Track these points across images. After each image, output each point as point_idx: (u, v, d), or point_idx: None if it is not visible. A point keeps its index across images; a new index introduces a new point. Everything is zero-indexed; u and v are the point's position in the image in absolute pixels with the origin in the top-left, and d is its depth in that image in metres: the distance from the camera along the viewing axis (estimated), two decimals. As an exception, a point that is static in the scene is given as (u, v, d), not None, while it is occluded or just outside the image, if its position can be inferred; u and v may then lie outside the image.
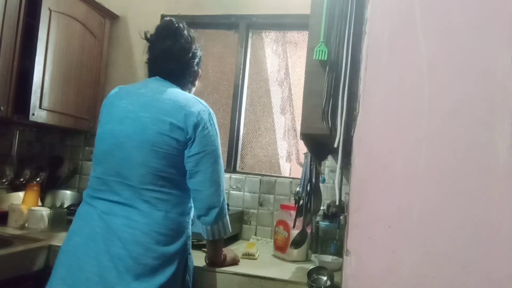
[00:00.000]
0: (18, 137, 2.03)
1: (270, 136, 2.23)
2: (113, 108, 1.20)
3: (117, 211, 1.11)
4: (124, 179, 1.13)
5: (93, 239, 1.09)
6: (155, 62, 1.27)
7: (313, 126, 1.02)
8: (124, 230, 1.09)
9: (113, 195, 1.13)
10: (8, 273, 1.31)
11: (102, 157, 1.17)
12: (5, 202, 1.83)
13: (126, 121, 1.15)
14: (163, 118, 1.13)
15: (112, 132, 1.17)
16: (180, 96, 1.19)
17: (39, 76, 1.75)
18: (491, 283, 0.69)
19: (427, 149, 0.75)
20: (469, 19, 0.75)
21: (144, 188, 1.12)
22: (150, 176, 1.12)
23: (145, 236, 1.09)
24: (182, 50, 1.25)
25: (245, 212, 2.04)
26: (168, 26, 1.26)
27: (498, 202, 0.70)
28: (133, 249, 1.07)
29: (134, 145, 1.13)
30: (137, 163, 1.12)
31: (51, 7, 1.78)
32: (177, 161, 1.16)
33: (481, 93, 0.73)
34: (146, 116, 1.14)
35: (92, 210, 1.14)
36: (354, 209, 0.81)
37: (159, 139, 1.12)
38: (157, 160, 1.12)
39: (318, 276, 1.29)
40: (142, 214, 1.11)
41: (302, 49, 2.18)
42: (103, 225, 1.10)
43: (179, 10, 2.26)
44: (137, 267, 1.06)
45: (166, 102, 1.15)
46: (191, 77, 1.32)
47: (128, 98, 1.20)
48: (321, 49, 1.00)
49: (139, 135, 1.13)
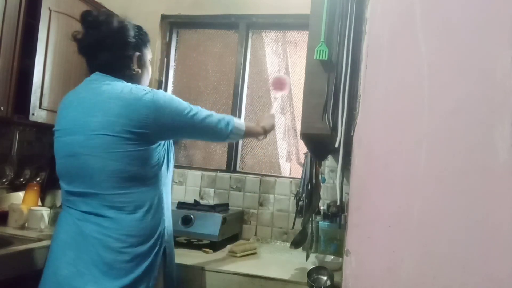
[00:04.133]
0: (18, 137, 2.03)
1: (270, 136, 2.23)
2: (61, 119, 1.18)
3: (89, 218, 1.10)
4: (89, 188, 1.10)
5: (68, 245, 1.09)
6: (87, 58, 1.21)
7: (313, 126, 1.02)
8: (96, 236, 1.08)
9: (82, 205, 1.11)
10: (8, 273, 1.31)
11: (63, 171, 1.15)
12: (5, 202, 1.83)
13: (75, 129, 1.12)
14: (112, 119, 1.08)
15: (66, 144, 1.14)
16: (123, 91, 1.12)
17: (39, 76, 1.74)
18: (491, 283, 0.69)
19: (427, 149, 0.75)
20: (469, 19, 0.75)
21: (109, 193, 1.09)
22: (113, 180, 1.09)
23: (117, 242, 1.08)
24: (108, 37, 1.17)
25: (245, 212, 2.04)
26: (84, 19, 1.18)
27: (498, 202, 0.70)
28: (106, 255, 1.07)
29: (88, 152, 1.09)
30: (96, 169, 1.09)
31: (51, 7, 1.78)
32: (138, 156, 1.11)
33: (481, 93, 0.73)
34: (94, 121, 1.09)
35: (68, 216, 1.13)
36: (354, 209, 0.81)
37: (113, 141, 1.08)
38: (116, 163, 1.08)
39: (318, 276, 1.29)
40: (112, 221, 1.09)
41: (302, 49, 2.18)
42: (78, 230, 1.09)
43: (179, 10, 2.26)
44: (111, 272, 1.06)
45: (111, 102, 1.10)
46: (129, 62, 1.22)
47: (72, 106, 1.17)
48: (321, 49, 1.00)
49: (91, 141, 1.09)
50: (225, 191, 2.09)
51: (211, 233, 1.63)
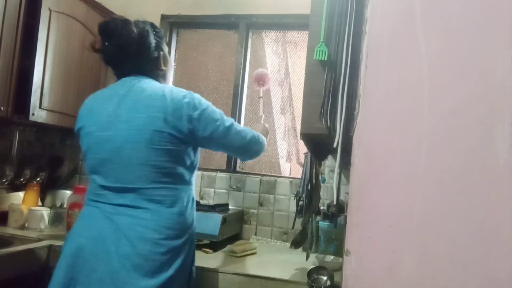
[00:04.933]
0: (18, 137, 2.03)
1: (270, 136, 2.23)
2: (97, 116, 1.18)
3: (123, 211, 1.11)
4: (127, 183, 1.12)
5: (100, 240, 1.09)
6: (115, 67, 1.26)
7: (313, 126, 1.02)
8: (132, 228, 1.09)
9: (117, 198, 1.13)
10: (8, 273, 1.31)
11: (100, 165, 1.16)
12: (5, 202, 1.83)
13: (118, 125, 1.14)
14: (157, 116, 1.12)
15: (106, 138, 1.15)
16: (164, 90, 1.17)
17: (39, 76, 1.75)
18: (491, 283, 0.69)
19: (427, 149, 0.75)
20: (469, 19, 0.75)
21: (149, 187, 1.13)
22: (153, 174, 1.13)
23: (154, 233, 1.10)
24: (131, 45, 1.21)
25: (245, 212, 2.04)
26: (103, 30, 1.21)
27: (498, 202, 0.70)
28: (141, 247, 1.08)
29: (132, 147, 1.12)
30: (138, 164, 1.12)
31: (51, 7, 1.78)
32: (178, 155, 1.16)
33: (481, 93, 0.73)
34: (139, 116, 1.13)
35: (97, 211, 1.13)
36: (354, 209, 0.81)
37: (157, 136, 1.12)
38: (158, 158, 1.12)
39: (318, 276, 1.29)
40: (150, 212, 1.12)
41: (302, 49, 2.18)
42: (109, 225, 1.10)
43: (179, 10, 2.26)
44: (145, 265, 1.07)
45: (153, 99, 1.14)
46: (156, 64, 1.27)
47: (111, 102, 1.18)
48: (321, 49, 1.00)
49: (135, 136, 1.12)
50: (225, 191, 2.09)
51: (211, 233, 1.63)
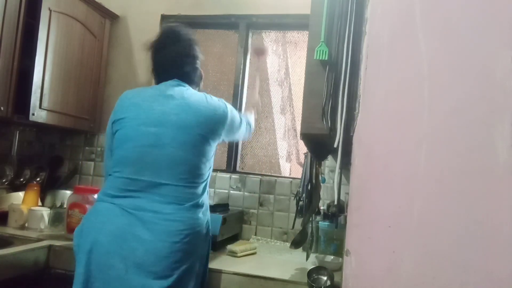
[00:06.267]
0: (18, 137, 2.03)
1: (270, 136, 2.23)
2: (144, 111, 1.24)
3: (146, 207, 1.14)
4: (159, 178, 1.17)
5: (118, 236, 1.10)
6: (166, 68, 1.33)
7: (313, 126, 1.02)
8: (155, 222, 1.12)
9: (143, 193, 1.16)
10: (8, 273, 1.31)
11: (135, 157, 1.20)
12: (5, 202, 1.83)
13: (164, 122, 1.20)
14: (202, 120, 1.24)
15: (149, 133, 1.20)
16: (206, 98, 1.30)
17: (39, 76, 1.75)
18: (491, 283, 0.69)
19: (427, 149, 0.75)
20: (469, 19, 0.75)
21: (181, 185, 1.18)
22: (188, 173, 1.20)
23: (178, 228, 1.14)
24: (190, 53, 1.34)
25: (245, 212, 2.04)
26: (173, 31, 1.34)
27: (498, 202, 0.70)
28: (164, 241, 1.11)
29: (177, 146, 1.18)
30: (179, 162, 1.18)
31: (51, 7, 1.78)
32: (209, 156, 1.28)
33: (481, 93, 0.73)
34: (188, 119, 1.22)
35: (114, 207, 1.15)
36: (354, 209, 0.81)
37: (200, 139, 1.22)
38: (196, 158, 1.22)
39: (318, 276, 1.29)
40: (175, 209, 1.16)
41: (302, 49, 2.18)
42: (128, 221, 1.12)
43: (179, 10, 2.26)
44: (161, 262, 1.09)
45: (201, 106, 1.26)
46: (199, 78, 1.42)
47: (158, 101, 1.24)
48: (321, 49, 1.00)
49: (182, 136, 1.20)
50: (225, 191, 2.09)
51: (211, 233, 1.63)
